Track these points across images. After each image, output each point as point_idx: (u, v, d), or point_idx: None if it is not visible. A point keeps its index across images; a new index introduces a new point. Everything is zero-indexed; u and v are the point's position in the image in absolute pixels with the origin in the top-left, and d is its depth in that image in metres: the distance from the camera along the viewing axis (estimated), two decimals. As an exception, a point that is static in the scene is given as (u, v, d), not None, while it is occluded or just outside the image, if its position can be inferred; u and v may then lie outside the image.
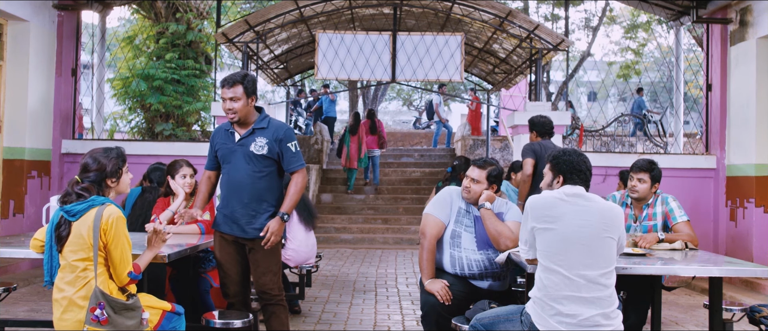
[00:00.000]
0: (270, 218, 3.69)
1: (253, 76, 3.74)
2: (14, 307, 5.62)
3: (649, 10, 9.40)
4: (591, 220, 2.88)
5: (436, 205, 3.86)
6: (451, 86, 20.38)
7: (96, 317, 2.85)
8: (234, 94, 3.60)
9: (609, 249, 2.88)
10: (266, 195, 3.71)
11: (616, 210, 2.99)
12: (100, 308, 2.86)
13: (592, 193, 3.06)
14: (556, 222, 2.89)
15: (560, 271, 2.81)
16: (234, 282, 3.82)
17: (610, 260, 2.87)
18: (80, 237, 2.90)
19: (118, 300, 2.91)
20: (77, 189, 2.97)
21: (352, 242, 11.08)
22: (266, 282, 3.74)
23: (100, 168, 3.02)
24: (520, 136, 7.70)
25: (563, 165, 3.06)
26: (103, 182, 3.03)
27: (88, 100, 9.33)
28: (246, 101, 3.63)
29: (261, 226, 3.67)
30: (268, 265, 3.73)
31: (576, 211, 2.90)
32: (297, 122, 16.33)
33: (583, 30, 19.82)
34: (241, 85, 3.61)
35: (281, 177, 3.82)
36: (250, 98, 3.65)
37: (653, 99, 22.93)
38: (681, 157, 8.22)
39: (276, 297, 3.79)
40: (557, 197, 2.97)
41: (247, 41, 7.85)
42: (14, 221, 7.14)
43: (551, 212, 2.91)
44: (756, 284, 6.89)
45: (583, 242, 2.84)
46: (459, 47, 7.99)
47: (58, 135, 7.91)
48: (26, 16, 7.12)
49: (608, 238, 2.88)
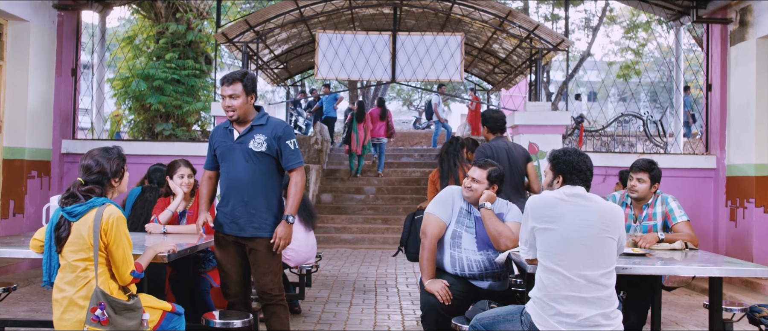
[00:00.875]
0: (270, 219, 3.68)
1: (252, 75, 3.74)
2: (14, 307, 5.62)
3: (649, 10, 9.40)
4: (591, 220, 2.87)
5: (438, 204, 3.86)
6: (451, 86, 20.38)
7: (96, 317, 2.85)
8: (233, 92, 3.60)
9: (609, 249, 2.87)
10: (265, 193, 3.69)
11: (616, 210, 2.98)
12: (101, 308, 2.86)
13: (592, 193, 3.06)
14: (556, 222, 2.88)
15: (560, 271, 2.81)
16: (234, 282, 3.81)
17: (610, 260, 2.87)
18: (80, 237, 2.91)
19: (119, 300, 2.91)
20: (82, 191, 2.97)
21: (352, 242, 11.08)
22: (267, 282, 3.72)
23: (103, 169, 3.03)
24: (520, 136, 7.70)
25: (563, 165, 3.05)
26: (107, 183, 3.04)
27: (88, 100, 9.32)
28: (245, 99, 3.63)
29: (259, 225, 3.65)
30: (269, 265, 3.72)
31: (576, 211, 2.90)
32: (297, 122, 16.34)
33: (583, 30, 19.83)
34: (240, 82, 3.61)
35: (281, 175, 3.80)
36: (249, 96, 3.65)
37: (653, 99, 22.93)
38: (681, 157, 8.22)
39: (276, 297, 3.78)
40: (557, 197, 2.96)
41: (247, 41, 7.85)
42: (14, 221, 7.14)
43: (551, 212, 2.91)
44: (756, 284, 6.89)
45: (583, 242, 2.83)
46: (459, 47, 7.99)
47: (58, 135, 7.91)
48: (26, 16, 7.12)
49: (608, 238, 2.87)
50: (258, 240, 3.67)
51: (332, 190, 13.41)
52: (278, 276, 3.79)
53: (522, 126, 7.64)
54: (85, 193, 2.96)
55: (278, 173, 3.77)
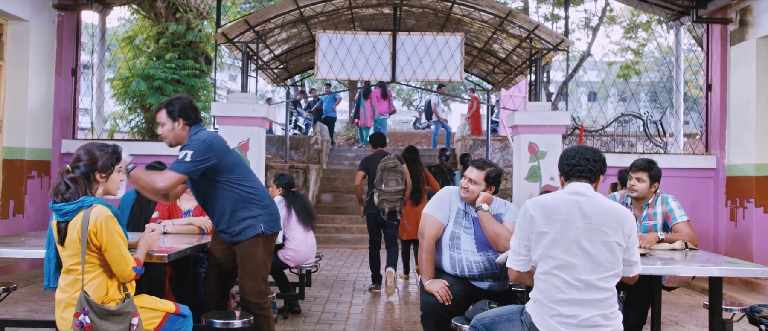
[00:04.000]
0: (238, 223, 3.69)
1: (179, 99, 3.70)
2: (14, 307, 5.62)
3: (649, 10, 9.40)
4: (593, 223, 2.79)
5: (435, 205, 3.85)
6: (451, 86, 20.38)
7: (80, 322, 2.79)
8: (159, 120, 3.65)
9: (612, 254, 2.78)
10: (219, 205, 3.70)
11: (622, 213, 2.84)
12: (84, 313, 2.80)
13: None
14: (556, 226, 2.81)
15: (560, 275, 2.76)
16: (212, 280, 3.95)
17: (612, 264, 2.78)
18: (72, 240, 2.86)
19: (102, 306, 2.85)
20: (66, 178, 2.89)
21: (352, 242, 11.08)
22: (245, 285, 3.76)
23: (92, 160, 2.96)
24: (519, 136, 7.70)
25: (560, 161, 3.05)
26: (92, 175, 2.95)
27: (88, 100, 9.32)
28: (172, 126, 3.64)
29: (234, 232, 3.70)
30: (244, 268, 3.75)
31: (578, 214, 2.81)
32: (297, 122, 16.33)
33: (583, 30, 19.82)
34: (164, 110, 3.63)
35: (225, 179, 3.68)
36: (175, 122, 3.63)
37: (653, 99, 22.92)
38: (681, 157, 8.22)
39: (254, 305, 3.76)
40: (560, 198, 2.88)
41: (247, 41, 7.84)
42: (14, 221, 7.14)
43: (552, 216, 2.83)
44: (756, 284, 6.89)
45: (584, 246, 2.77)
46: (459, 47, 7.99)
47: (58, 135, 7.91)
48: (26, 16, 7.12)
49: (611, 242, 2.78)
50: (238, 244, 3.75)
51: (332, 190, 13.40)
52: (258, 283, 3.76)
53: (522, 126, 7.63)
54: (68, 181, 2.88)
55: (218, 180, 3.66)
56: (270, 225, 3.78)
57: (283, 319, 5.42)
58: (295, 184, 5.79)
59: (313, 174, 12.76)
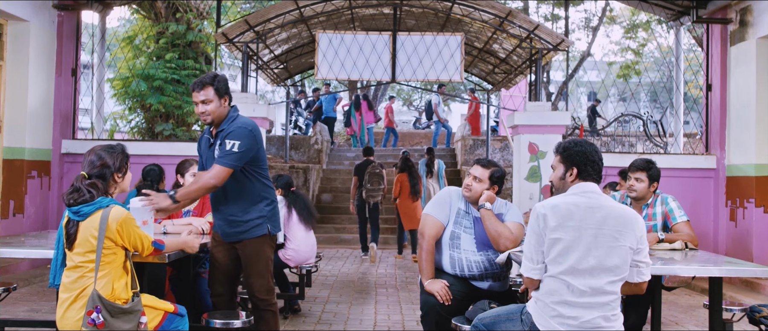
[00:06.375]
0: (249, 221, 3.66)
1: (223, 77, 3.68)
2: (14, 307, 5.62)
3: (649, 10, 9.40)
4: (605, 229, 2.74)
5: (435, 205, 3.85)
6: (451, 86, 20.38)
7: (92, 320, 2.84)
8: (205, 97, 3.55)
9: (621, 258, 2.73)
10: (237, 198, 3.66)
11: (632, 216, 2.79)
12: (97, 311, 2.85)
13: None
14: (569, 233, 2.74)
15: (568, 280, 2.73)
16: (219, 282, 3.85)
17: (619, 269, 2.74)
18: (86, 239, 2.91)
19: (115, 304, 2.91)
20: (86, 184, 2.96)
21: (352, 242, 11.08)
22: (253, 284, 3.74)
23: (105, 163, 3.04)
24: (519, 136, 7.70)
25: (577, 156, 2.87)
26: (110, 177, 3.05)
27: (88, 100, 9.32)
28: (218, 103, 3.58)
29: (242, 229, 3.66)
30: (254, 267, 3.73)
31: (591, 220, 2.74)
32: (297, 122, 16.33)
33: (583, 30, 19.82)
34: (211, 86, 3.56)
35: (256, 175, 3.69)
36: (222, 99, 3.59)
37: (653, 99, 22.92)
38: (681, 157, 8.22)
39: (263, 302, 3.76)
40: (571, 202, 2.79)
41: (247, 41, 7.85)
42: (14, 221, 7.14)
43: (565, 222, 2.75)
44: (756, 284, 6.89)
45: (596, 252, 2.72)
46: (459, 47, 7.99)
47: (58, 135, 7.91)
48: (26, 16, 7.12)
49: (623, 247, 2.73)
50: (244, 242, 3.70)
51: (332, 190, 13.40)
52: (265, 279, 3.76)
53: (522, 126, 7.64)
54: (88, 187, 2.96)
55: (248, 174, 3.65)
56: (275, 225, 3.79)
57: (283, 319, 5.42)
58: (293, 184, 5.79)
59: (313, 174, 12.76)
